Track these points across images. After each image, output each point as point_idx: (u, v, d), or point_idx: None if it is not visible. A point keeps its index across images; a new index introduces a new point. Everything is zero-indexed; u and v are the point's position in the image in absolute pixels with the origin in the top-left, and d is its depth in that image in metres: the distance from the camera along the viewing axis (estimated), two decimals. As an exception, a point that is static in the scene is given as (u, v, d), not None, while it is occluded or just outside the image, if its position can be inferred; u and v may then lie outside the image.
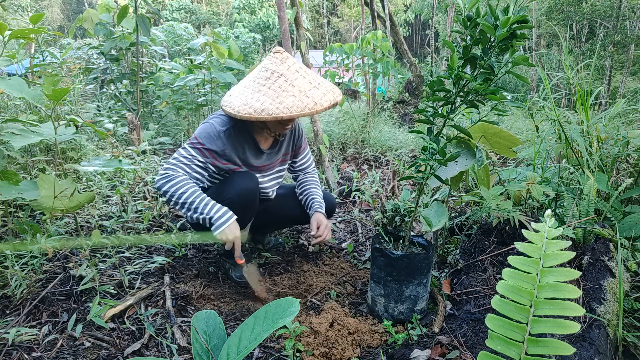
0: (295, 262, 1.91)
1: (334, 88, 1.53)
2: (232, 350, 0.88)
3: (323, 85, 1.49)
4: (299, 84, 1.44)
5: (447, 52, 8.60)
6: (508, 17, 1.04)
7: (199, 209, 1.44)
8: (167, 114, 4.53)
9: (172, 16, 25.78)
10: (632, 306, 1.27)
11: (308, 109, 1.40)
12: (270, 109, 1.38)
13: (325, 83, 1.52)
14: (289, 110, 1.39)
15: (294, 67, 1.47)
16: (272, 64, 1.47)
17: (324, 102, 1.44)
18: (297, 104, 1.40)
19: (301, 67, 1.50)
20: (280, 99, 1.40)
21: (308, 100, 1.42)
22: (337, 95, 1.50)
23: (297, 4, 2.77)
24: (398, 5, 26.21)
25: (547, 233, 0.77)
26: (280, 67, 1.45)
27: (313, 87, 1.46)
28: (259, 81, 1.46)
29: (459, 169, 1.34)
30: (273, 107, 1.39)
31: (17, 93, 1.57)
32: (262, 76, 1.46)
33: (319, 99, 1.43)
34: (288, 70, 1.45)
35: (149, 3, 3.49)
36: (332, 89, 1.51)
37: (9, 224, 1.69)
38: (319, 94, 1.45)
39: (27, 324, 1.35)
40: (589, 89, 1.77)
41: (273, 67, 1.46)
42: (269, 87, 1.43)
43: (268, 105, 1.39)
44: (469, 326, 1.31)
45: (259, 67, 1.51)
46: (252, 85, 1.47)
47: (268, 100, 1.40)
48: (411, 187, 3.07)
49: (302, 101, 1.41)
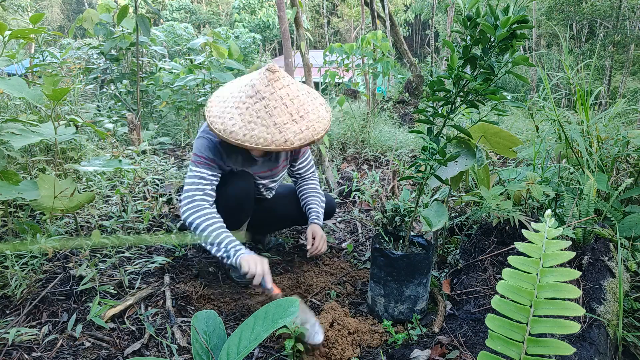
0: (295, 262, 1.91)
1: (320, 121, 1.43)
2: (232, 350, 0.88)
3: (305, 119, 1.39)
4: (277, 114, 1.34)
5: (447, 52, 8.60)
6: (508, 17, 1.04)
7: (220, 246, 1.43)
8: (167, 114, 4.53)
9: (172, 16, 25.79)
10: (632, 306, 1.28)
11: (275, 145, 1.33)
12: (238, 133, 1.33)
13: (311, 115, 1.41)
14: (255, 141, 1.32)
15: (280, 93, 1.36)
16: (259, 82, 1.37)
17: (296, 141, 1.34)
18: (265, 137, 1.32)
19: (289, 93, 1.38)
20: (252, 125, 1.33)
21: (279, 135, 1.33)
22: (317, 132, 1.39)
23: (297, 4, 2.77)
24: (398, 5, 26.21)
25: (547, 233, 0.77)
26: (265, 89, 1.36)
27: (292, 120, 1.36)
28: (241, 95, 1.39)
29: (459, 169, 1.34)
30: (241, 132, 1.33)
31: (17, 93, 1.57)
32: (247, 92, 1.38)
33: (292, 136, 1.34)
34: (272, 95, 1.35)
35: (149, 3, 3.49)
36: (316, 122, 1.41)
37: (9, 224, 1.69)
38: (295, 130, 1.35)
39: (27, 324, 1.35)
40: (589, 89, 1.77)
41: (258, 86, 1.36)
42: (247, 107, 1.35)
43: (237, 128, 1.33)
44: (469, 326, 1.31)
45: (250, 78, 1.42)
46: (236, 96, 1.40)
47: (239, 122, 1.34)
48: (411, 187, 3.07)
49: (272, 135, 1.33)
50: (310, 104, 1.44)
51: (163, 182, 2.64)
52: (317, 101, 1.48)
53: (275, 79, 1.37)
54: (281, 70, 1.41)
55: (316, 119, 1.42)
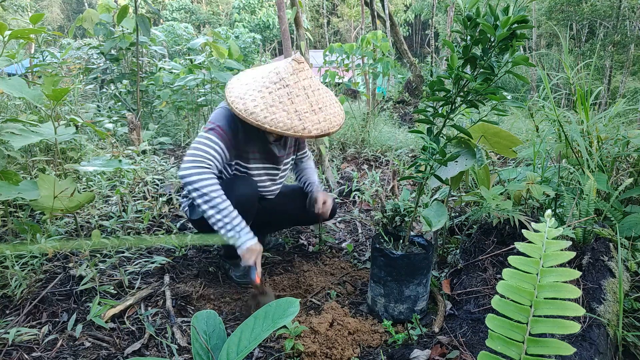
0: (295, 262, 1.91)
1: (336, 116, 1.49)
2: (232, 350, 0.88)
3: (324, 111, 1.45)
4: (298, 102, 1.40)
5: (447, 52, 8.60)
6: (508, 17, 1.04)
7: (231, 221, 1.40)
8: (167, 114, 4.53)
9: (172, 16, 25.79)
10: (632, 306, 1.28)
11: (293, 130, 1.37)
12: (259, 114, 1.36)
13: (329, 109, 1.47)
14: (275, 124, 1.36)
15: (303, 83, 1.42)
16: (284, 70, 1.42)
17: (313, 130, 1.40)
18: (285, 122, 1.36)
19: (311, 84, 1.44)
20: (273, 109, 1.37)
21: (298, 122, 1.38)
22: (333, 126, 1.45)
23: (297, 4, 2.77)
24: (398, 5, 26.21)
25: (547, 233, 0.77)
26: (290, 77, 1.41)
27: (312, 110, 1.42)
28: (265, 81, 1.43)
29: (459, 169, 1.34)
30: (262, 114, 1.36)
31: (17, 93, 1.57)
32: (271, 78, 1.42)
33: (311, 125, 1.39)
34: (295, 84, 1.41)
35: (149, 3, 3.49)
36: (332, 117, 1.47)
37: (9, 224, 1.69)
38: (314, 120, 1.41)
39: (27, 324, 1.35)
40: (589, 89, 1.77)
41: (283, 74, 1.41)
42: (270, 92, 1.39)
43: (259, 110, 1.36)
44: (469, 326, 1.31)
45: (274, 66, 1.47)
46: (259, 81, 1.44)
47: (261, 105, 1.37)
48: (411, 187, 3.07)
49: (291, 121, 1.37)
50: (328, 99, 1.50)
51: (163, 182, 2.64)
52: (333, 98, 1.55)
53: (300, 69, 1.43)
54: (306, 62, 1.46)
55: (333, 113, 1.49)
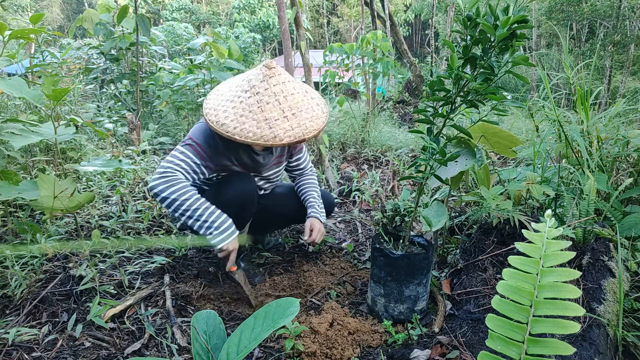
0: (295, 262, 1.91)
1: (313, 120, 1.42)
2: (232, 350, 0.88)
3: (298, 117, 1.38)
4: (268, 110, 1.35)
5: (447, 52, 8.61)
6: (508, 17, 1.04)
7: (202, 216, 1.39)
8: (167, 114, 4.53)
9: (172, 16, 25.78)
10: (632, 306, 1.27)
11: (263, 140, 1.33)
12: (229, 125, 1.34)
13: (304, 114, 1.41)
14: (244, 134, 1.33)
15: (274, 89, 1.37)
16: (255, 78, 1.38)
17: (285, 138, 1.35)
18: (255, 132, 1.33)
19: (283, 89, 1.38)
20: (243, 119, 1.34)
21: (268, 131, 1.34)
22: (309, 131, 1.39)
23: (297, 4, 2.77)
24: (398, 5, 26.21)
25: (547, 233, 0.77)
26: (260, 84, 1.37)
27: (284, 116, 1.36)
28: (237, 90, 1.40)
29: (459, 169, 1.34)
30: (232, 125, 1.34)
31: (17, 93, 1.57)
32: (243, 86, 1.40)
33: (282, 132, 1.34)
34: (265, 91, 1.36)
35: (149, 3, 3.49)
36: (308, 121, 1.40)
37: (9, 224, 1.69)
38: (285, 127, 1.36)
39: (27, 324, 1.35)
40: (589, 89, 1.77)
41: (254, 82, 1.38)
42: (240, 101, 1.37)
43: (229, 121, 1.34)
44: (469, 326, 1.31)
45: (248, 74, 1.44)
46: (232, 90, 1.42)
47: (232, 115, 1.35)
48: (411, 187, 3.07)
49: (261, 130, 1.33)
50: (305, 103, 1.43)
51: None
52: (314, 101, 1.48)
53: (271, 75, 1.38)
54: (279, 67, 1.41)
55: (309, 117, 1.41)
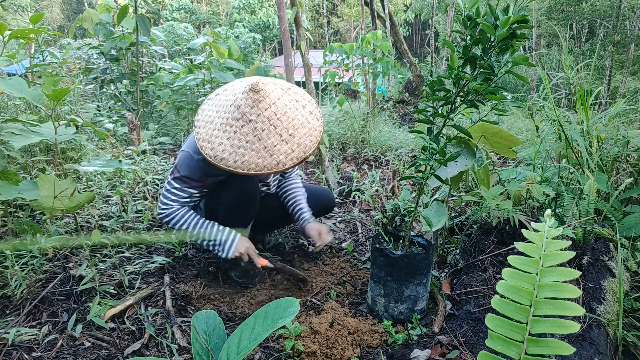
0: (295, 262, 1.91)
1: (310, 135, 1.39)
2: (232, 350, 0.88)
3: (295, 137, 1.36)
4: (266, 137, 1.32)
5: (447, 52, 8.60)
6: (508, 17, 1.04)
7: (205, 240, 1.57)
8: (167, 114, 4.53)
9: (172, 16, 25.78)
10: (632, 306, 1.28)
11: (267, 169, 1.33)
12: (229, 159, 1.32)
13: (300, 130, 1.38)
14: (246, 167, 1.32)
15: (267, 113, 1.33)
16: (244, 104, 1.33)
17: (288, 162, 1.34)
18: (257, 162, 1.32)
19: (276, 112, 1.34)
20: (242, 150, 1.32)
21: (270, 159, 1.33)
22: (308, 148, 1.38)
23: (297, 3, 2.77)
24: (398, 5, 26.21)
25: (547, 233, 0.77)
26: (250, 110, 1.32)
27: (282, 140, 1.34)
28: (228, 117, 1.35)
29: (459, 168, 1.34)
30: (232, 159, 1.32)
31: (17, 93, 1.57)
32: (233, 114, 1.34)
33: (284, 157, 1.34)
34: (258, 117, 1.32)
35: (149, 3, 3.49)
36: (305, 138, 1.38)
37: (9, 224, 1.69)
38: (286, 151, 1.34)
39: (27, 324, 1.35)
40: (589, 89, 1.77)
41: (244, 108, 1.33)
42: (234, 131, 1.33)
43: (227, 155, 1.32)
44: (469, 326, 1.31)
45: (234, 97, 1.37)
46: (222, 117, 1.36)
47: (229, 148, 1.33)
48: (411, 187, 3.07)
49: (262, 159, 1.32)
50: (299, 117, 1.40)
51: (163, 182, 2.64)
52: (306, 110, 1.43)
53: (259, 99, 1.33)
54: (264, 86, 1.35)
55: (306, 133, 1.39)
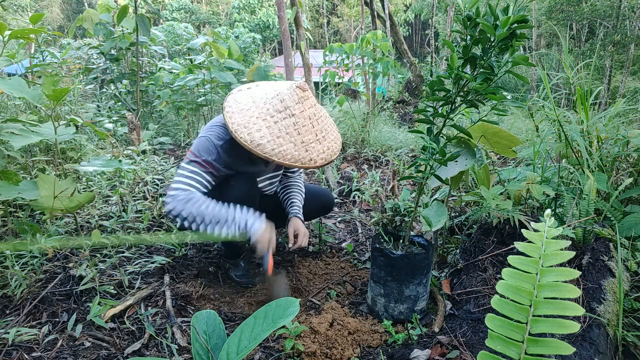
0: (295, 262, 1.91)
1: (336, 141, 1.52)
2: (232, 350, 0.88)
3: (327, 139, 1.47)
4: (304, 133, 1.40)
5: (447, 52, 8.60)
6: (508, 16, 1.04)
7: (229, 218, 1.39)
8: (167, 114, 4.53)
9: (172, 16, 25.78)
10: (632, 306, 1.28)
11: (301, 162, 1.38)
12: (267, 147, 1.35)
13: (330, 135, 1.49)
14: (282, 156, 1.36)
15: (309, 112, 1.42)
16: (289, 99, 1.39)
17: (319, 160, 1.42)
18: (293, 154, 1.37)
19: (315, 113, 1.44)
20: (280, 140, 1.36)
21: (305, 154, 1.39)
22: (334, 152, 1.49)
23: (297, 3, 2.77)
24: (398, 5, 26.20)
25: (546, 233, 0.77)
26: (295, 106, 1.39)
27: (317, 139, 1.43)
28: (269, 108, 1.40)
29: (458, 168, 1.34)
30: (270, 146, 1.35)
31: (17, 93, 1.57)
32: (275, 106, 1.40)
33: (316, 155, 1.42)
34: (301, 114, 1.40)
35: (149, 3, 3.49)
36: (333, 143, 1.50)
37: (9, 224, 1.69)
38: (319, 150, 1.43)
39: (27, 324, 1.35)
40: (589, 89, 1.77)
41: (288, 102, 1.39)
42: (275, 121, 1.38)
43: (265, 142, 1.35)
44: (469, 326, 1.31)
45: (276, 92, 1.43)
46: (261, 107, 1.41)
47: (268, 135, 1.36)
48: (411, 187, 3.07)
49: (299, 152, 1.38)
50: (329, 124, 1.52)
51: (163, 182, 2.64)
52: (331, 121, 1.56)
53: (305, 97, 1.42)
54: (309, 90, 1.46)
55: (333, 139, 1.51)
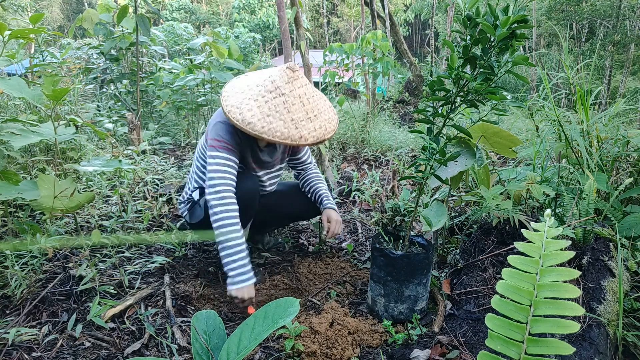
0: (295, 262, 1.91)
1: (330, 122, 1.52)
2: (232, 350, 0.88)
3: (319, 118, 1.47)
4: (295, 111, 1.42)
5: (447, 52, 8.60)
6: (508, 16, 1.04)
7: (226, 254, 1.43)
8: (167, 114, 4.52)
9: (172, 16, 25.77)
10: (632, 306, 1.28)
11: (290, 140, 1.40)
12: (257, 124, 1.37)
13: (323, 115, 1.50)
14: (272, 134, 1.38)
15: (299, 91, 1.44)
16: (279, 79, 1.43)
17: (310, 138, 1.43)
18: (283, 132, 1.39)
19: (306, 92, 1.46)
20: (270, 118, 1.39)
21: (295, 131, 1.40)
22: (328, 132, 1.49)
23: (297, 3, 2.77)
24: (398, 5, 26.19)
25: (546, 233, 0.77)
26: (285, 85, 1.42)
27: (307, 117, 1.44)
28: (261, 90, 1.43)
29: (458, 168, 1.34)
30: (260, 124, 1.38)
31: (17, 93, 1.57)
32: (266, 86, 1.43)
33: (307, 133, 1.42)
34: (291, 93, 1.43)
35: (149, 3, 3.49)
36: (327, 122, 1.50)
37: (9, 224, 1.69)
38: (310, 128, 1.44)
39: (27, 324, 1.35)
40: (589, 89, 1.77)
41: (278, 83, 1.42)
42: (266, 101, 1.41)
43: (256, 120, 1.38)
44: (469, 326, 1.31)
45: (269, 74, 1.47)
46: (254, 90, 1.44)
47: (258, 114, 1.39)
48: (411, 187, 3.07)
49: (288, 130, 1.39)
50: (323, 104, 1.52)
51: (163, 182, 2.64)
52: (326, 103, 1.56)
53: (295, 77, 1.45)
54: (300, 70, 1.47)
55: (327, 119, 1.51)
